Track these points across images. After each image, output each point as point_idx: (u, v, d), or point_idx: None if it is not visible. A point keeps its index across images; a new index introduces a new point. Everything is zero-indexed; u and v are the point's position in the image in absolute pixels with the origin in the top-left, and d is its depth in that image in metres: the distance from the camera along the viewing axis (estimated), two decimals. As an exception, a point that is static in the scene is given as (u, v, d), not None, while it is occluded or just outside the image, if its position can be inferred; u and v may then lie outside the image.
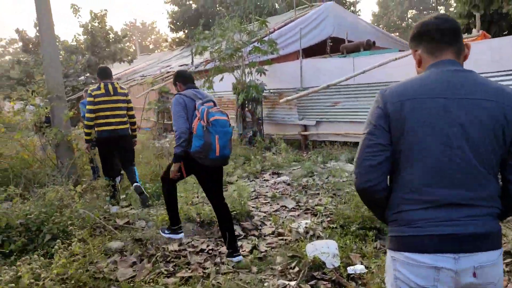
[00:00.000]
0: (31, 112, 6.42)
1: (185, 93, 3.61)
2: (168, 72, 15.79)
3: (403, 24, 33.53)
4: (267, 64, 10.56)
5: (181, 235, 3.98)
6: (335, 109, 9.26)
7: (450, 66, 1.51)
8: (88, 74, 22.74)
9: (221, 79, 10.53)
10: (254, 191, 5.94)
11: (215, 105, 3.57)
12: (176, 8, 29.85)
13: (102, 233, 4.11)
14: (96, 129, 5.37)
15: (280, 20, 16.50)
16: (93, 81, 22.76)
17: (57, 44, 24.72)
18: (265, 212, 4.89)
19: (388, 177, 1.57)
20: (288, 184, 6.19)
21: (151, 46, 62.42)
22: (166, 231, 4.00)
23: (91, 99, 5.33)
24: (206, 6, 28.10)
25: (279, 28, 13.73)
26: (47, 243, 3.53)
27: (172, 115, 3.58)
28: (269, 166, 7.41)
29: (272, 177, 6.79)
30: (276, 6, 27.35)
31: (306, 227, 4.11)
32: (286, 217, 4.71)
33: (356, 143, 10.30)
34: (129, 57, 24.53)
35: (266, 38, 10.46)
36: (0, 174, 5.67)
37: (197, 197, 5.14)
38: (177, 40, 30.19)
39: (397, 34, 27.14)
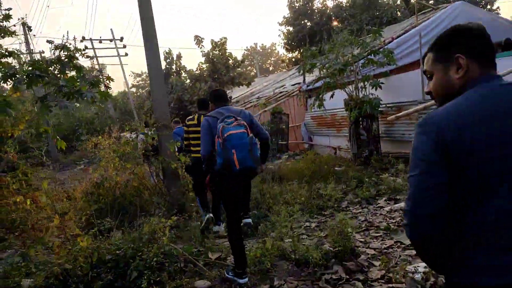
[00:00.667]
0: (141, 141, 6.67)
1: (211, 113, 3.69)
2: (281, 92, 15.71)
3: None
4: (384, 76, 9.65)
5: (245, 279, 3.57)
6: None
7: (502, 80, 1.36)
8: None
9: (332, 96, 9.93)
10: (365, 220, 5.19)
11: (236, 119, 3.51)
12: (291, 29, 30.21)
13: (192, 269, 3.84)
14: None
15: (399, 28, 15.28)
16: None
17: (184, 73, 26.57)
18: (375, 249, 4.12)
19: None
20: (407, 213, 5.27)
21: (271, 68, 64.41)
22: (230, 273, 3.67)
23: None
24: (321, 23, 27.81)
25: (398, 37, 12.64)
26: (134, 280, 3.37)
27: None
28: (385, 190, 6.52)
29: (388, 203, 5.92)
30: (398, 14, 25.77)
31: (424, 273, 3.28)
32: (400, 256, 3.88)
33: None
34: (247, 81, 25.30)
35: (382, 49, 9.61)
36: (114, 201, 5.89)
37: (292, 231, 4.61)
38: (293, 60, 30.42)
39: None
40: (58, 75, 5.85)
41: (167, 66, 27.28)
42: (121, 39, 29.36)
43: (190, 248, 4.02)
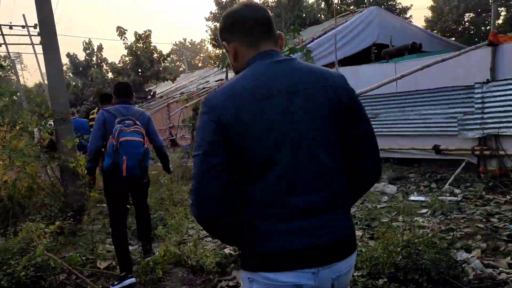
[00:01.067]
0: (37, 135, 6.02)
1: (110, 109, 3.53)
2: (204, 88, 15.40)
3: (459, 28, 31.38)
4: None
5: (132, 279, 3.38)
6: (376, 122, 8.20)
7: (275, 57, 1.37)
8: (134, 94, 23.05)
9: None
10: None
11: (135, 123, 3.40)
12: (218, 24, 29.91)
13: (73, 282, 3.44)
14: None
15: (320, 29, 15.64)
16: (139, 101, 23.07)
17: (106, 66, 25.23)
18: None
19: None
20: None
21: (200, 65, 63.61)
22: (115, 282, 3.37)
23: None
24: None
25: (318, 37, 12.90)
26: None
27: None
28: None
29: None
30: (321, 17, 26.53)
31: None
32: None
33: (402, 159, 9.28)
34: (172, 76, 24.60)
35: (300, 47, 9.65)
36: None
37: (188, 236, 4.36)
38: (219, 56, 30.17)
39: (453, 39, 25.24)
40: None
41: (87, 57, 25.76)
42: (35, 26, 27.08)
43: (76, 257, 3.60)
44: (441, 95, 7.21)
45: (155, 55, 24.50)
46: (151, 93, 23.86)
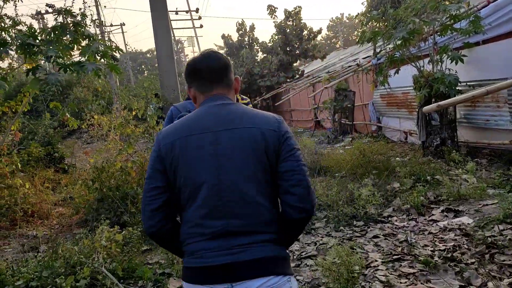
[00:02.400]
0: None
1: (179, 104, 3.55)
2: (350, 66, 14.04)
3: None
4: (467, 48, 7.74)
5: None
6: None
7: (218, 101, 1.59)
8: (281, 73, 22.90)
9: (397, 72, 8.27)
10: (404, 241, 3.86)
11: None
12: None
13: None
14: None
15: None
16: (288, 80, 22.86)
17: (257, 46, 25.50)
18: (397, 297, 2.86)
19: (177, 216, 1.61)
20: (466, 235, 3.83)
21: (357, 40, 60.76)
22: None
23: None
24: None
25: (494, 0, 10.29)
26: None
27: None
28: (446, 196, 5.02)
29: (446, 216, 4.46)
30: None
31: None
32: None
33: None
34: (322, 54, 23.61)
35: (468, 13, 7.66)
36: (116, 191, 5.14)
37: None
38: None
39: None
40: (57, 44, 5.21)
41: (240, 38, 26.52)
42: (197, 10, 29.12)
43: (147, 271, 3.09)
44: None
45: (304, 32, 23.81)
46: (299, 72, 23.35)
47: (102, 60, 5.68)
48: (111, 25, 33.49)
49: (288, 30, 22.98)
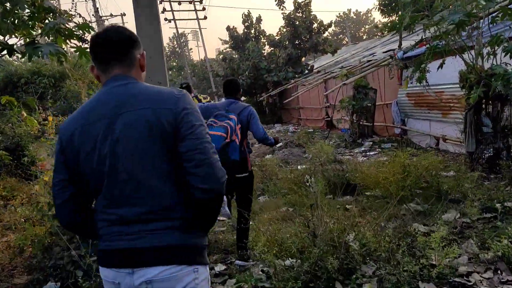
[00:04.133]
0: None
1: (209, 104, 4.06)
2: (369, 61, 12.61)
3: None
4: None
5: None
6: None
7: (118, 81, 1.47)
8: (289, 68, 21.47)
9: (441, 66, 6.82)
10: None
11: (226, 118, 3.55)
12: (389, -12, 25.93)
13: None
14: None
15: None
16: (296, 76, 21.42)
17: (263, 39, 24.08)
18: None
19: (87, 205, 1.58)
20: None
21: (364, 37, 59.03)
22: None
23: None
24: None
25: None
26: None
27: None
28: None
29: None
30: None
31: None
32: None
33: None
34: (332, 48, 22.13)
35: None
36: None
37: None
38: (388, 24, 26.30)
39: None
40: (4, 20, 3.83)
41: (245, 30, 25.06)
42: (200, 1, 27.69)
43: None
44: None
45: (314, 25, 22.33)
46: (309, 67, 21.88)
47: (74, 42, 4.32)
48: (111, 15, 32.09)
49: (297, 22, 21.50)
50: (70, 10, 4.83)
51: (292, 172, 6.86)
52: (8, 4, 3.85)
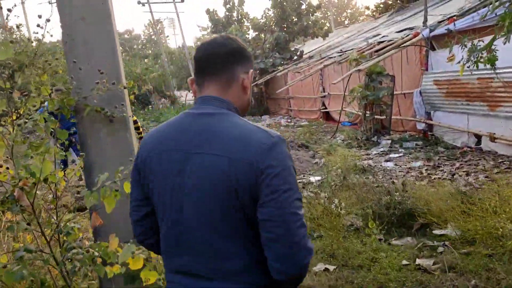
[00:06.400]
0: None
1: None
2: (381, 42, 10.73)
3: None
4: None
5: None
6: None
7: (205, 107, 1.25)
8: (276, 54, 19.45)
9: (508, 39, 4.94)
10: None
11: None
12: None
13: None
14: None
15: None
16: (283, 62, 19.42)
17: (247, 22, 22.00)
18: None
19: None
20: None
21: (346, 22, 57.26)
22: None
23: None
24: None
25: None
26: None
27: None
28: None
29: None
30: None
31: None
32: None
33: None
34: (323, 31, 20.19)
35: None
36: None
37: None
38: (381, 6, 24.46)
39: None
40: None
41: (227, 12, 22.81)
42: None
43: None
44: None
45: (303, 6, 20.32)
46: (298, 52, 19.90)
47: None
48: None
49: (285, 3, 19.42)
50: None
51: (316, 195, 4.92)
52: None
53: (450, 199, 4.26)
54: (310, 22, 20.14)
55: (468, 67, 5.27)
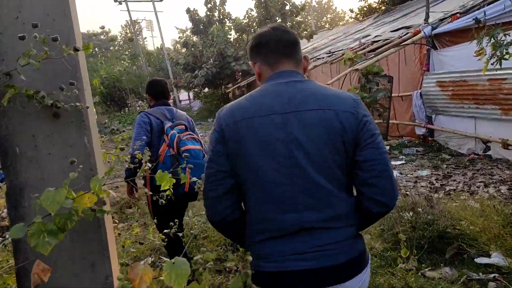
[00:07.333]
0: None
1: (152, 111, 3.08)
2: (375, 42, 10.12)
3: None
4: None
5: None
6: None
7: (287, 77, 1.38)
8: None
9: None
10: None
11: (187, 129, 3.04)
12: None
13: None
14: None
15: None
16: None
17: (229, 22, 21.24)
18: None
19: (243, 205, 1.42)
20: None
21: (326, 26, 57.23)
22: None
23: None
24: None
25: None
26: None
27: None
28: None
29: None
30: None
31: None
32: None
33: None
34: (309, 33, 19.59)
35: None
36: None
37: None
38: (365, 9, 24.07)
39: None
40: None
41: (208, 12, 21.94)
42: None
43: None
44: None
45: (287, 6, 19.70)
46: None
47: None
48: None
49: (269, 3, 18.73)
50: None
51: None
52: None
53: (487, 217, 3.58)
54: (294, 23, 19.52)
55: (492, 64, 4.62)
